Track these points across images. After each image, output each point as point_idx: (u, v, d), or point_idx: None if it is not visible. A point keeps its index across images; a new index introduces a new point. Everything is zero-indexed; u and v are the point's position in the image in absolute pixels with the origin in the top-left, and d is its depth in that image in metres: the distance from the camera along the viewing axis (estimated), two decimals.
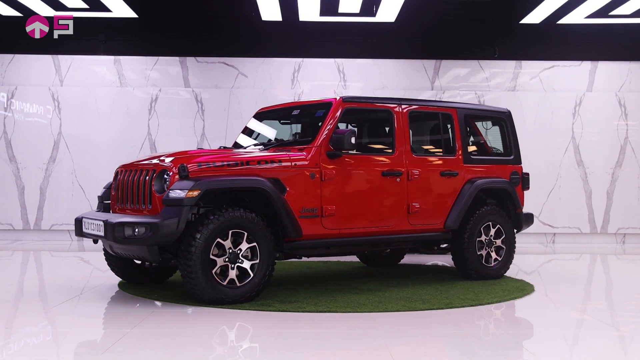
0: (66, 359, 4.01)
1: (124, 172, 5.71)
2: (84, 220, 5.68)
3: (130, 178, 5.55)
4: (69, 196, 10.38)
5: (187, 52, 10.58)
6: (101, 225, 5.26)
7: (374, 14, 9.84)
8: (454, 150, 6.68)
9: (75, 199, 10.31)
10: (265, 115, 6.92)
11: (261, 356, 4.00)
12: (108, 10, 9.87)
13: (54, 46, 10.27)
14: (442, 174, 6.49)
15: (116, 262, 6.14)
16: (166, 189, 5.15)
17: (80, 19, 9.80)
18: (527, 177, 7.23)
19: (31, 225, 10.42)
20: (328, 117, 5.89)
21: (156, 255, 5.19)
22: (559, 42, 10.79)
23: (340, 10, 9.77)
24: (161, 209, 5.12)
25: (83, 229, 5.67)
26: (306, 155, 5.69)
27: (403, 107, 6.38)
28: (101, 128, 10.45)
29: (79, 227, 5.73)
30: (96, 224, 5.38)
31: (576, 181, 10.67)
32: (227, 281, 5.24)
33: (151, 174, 5.32)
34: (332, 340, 4.35)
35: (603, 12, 9.86)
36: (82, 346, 4.23)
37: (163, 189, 5.20)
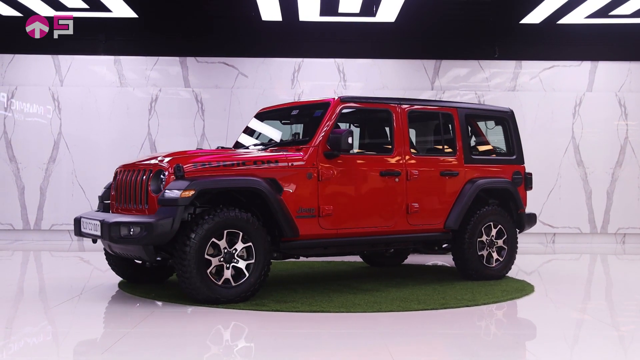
0: (66, 359, 4.01)
1: (123, 172, 5.73)
2: (82, 220, 5.71)
3: (129, 178, 5.57)
4: (69, 196, 10.38)
5: (187, 52, 10.58)
6: (98, 225, 5.29)
7: (374, 14, 9.84)
8: (454, 150, 6.66)
9: (75, 199, 10.31)
10: (266, 115, 6.91)
11: (261, 356, 4.00)
12: (108, 10, 9.87)
13: (54, 46, 10.27)
14: (442, 174, 6.46)
15: (116, 262, 6.16)
16: (162, 189, 5.17)
17: (80, 19, 9.80)
18: (529, 177, 7.16)
19: (31, 225, 10.42)
20: (325, 117, 5.89)
21: (152, 255, 5.20)
22: (559, 42, 10.79)
23: (340, 10, 9.76)
24: (157, 208, 5.14)
25: (81, 228, 5.70)
26: (303, 155, 5.69)
27: (402, 107, 6.36)
28: (101, 128, 10.45)
29: (77, 227, 5.77)
30: (93, 224, 5.41)
31: (576, 181, 10.67)
32: (222, 281, 5.25)
33: (148, 174, 5.34)
34: (329, 340, 4.35)
35: (603, 12, 9.86)
36: (82, 346, 4.23)
37: (159, 189, 5.22)
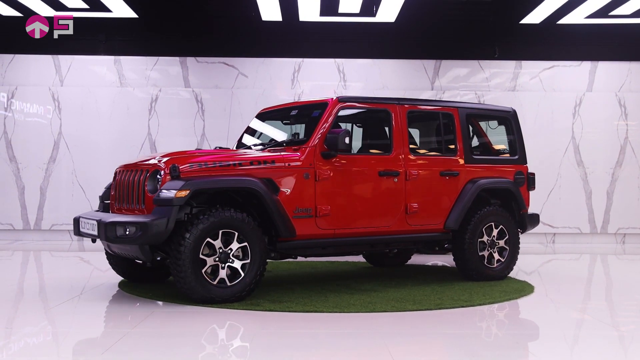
0: (66, 359, 4.01)
1: (122, 172, 5.75)
2: (81, 220, 5.74)
3: (127, 178, 5.59)
4: (69, 196, 10.38)
5: (187, 52, 10.58)
6: (95, 225, 5.32)
7: (374, 14, 9.84)
8: (454, 150, 6.65)
9: (75, 199, 10.31)
10: (267, 115, 6.92)
11: (261, 356, 3.99)
12: (108, 10, 9.87)
13: (54, 46, 10.27)
14: (442, 174, 6.45)
15: (117, 262, 6.18)
16: (158, 189, 5.19)
17: (80, 19, 9.81)
18: (532, 177, 7.11)
19: (31, 225, 10.42)
20: (323, 117, 5.89)
21: (148, 255, 5.22)
22: (559, 42, 10.79)
23: (340, 10, 9.76)
24: (153, 208, 5.16)
25: (80, 228, 5.73)
26: (300, 155, 5.69)
27: (400, 107, 6.35)
28: (101, 128, 10.45)
29: (76, 227, 5.80)
30: (91, 224, 5.44)
31: (576, 181, 10.67)
32: (217, 280, 5.26)
33: (145, 174, 5.36)
34: (329, 340, 4.35)
35: (603, 12, 9.86)
36: (82, 346, 4.23)
37: (156, 189, 5.24)
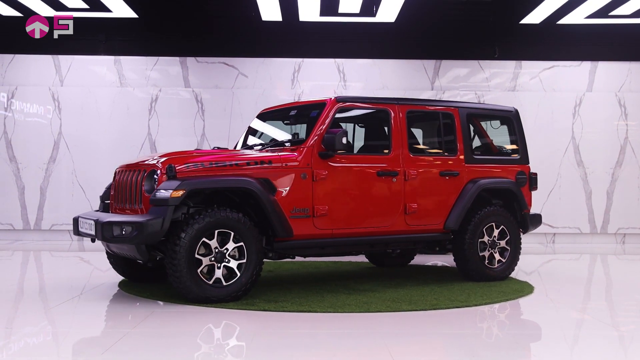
0: (66, 359, 4.01)
1: (121, 172, 5.77)
2: (79, 219, 5.76)
3: (126, 178, 5.60)
4: (69, 196, 10.38)
5: (187, 52, 10.58)
6: (93, 225, 5.34)
7: (374, 14, 9.84)
8: (455, 150, 6.64)
9: (75, 199, 10.31)
10: (267, 115, 6.93)
11: (261, 356, 4.00)
12: (108, 10, 9.87)
13: (54, 46, 10.27)
14: (441, 174, 6.45)
15: (117, 261, 6.19)
16: (155, 189, 5.20)
17: (80, 19, 9.80)
18: (534, 177, 7.07)
19: (31, 225, 10.42)
20: (321, 117, 5.89)
21: (145, 254, 5.23)
22: (559, 42, 10.79)
23: (340, 11, 9.76)
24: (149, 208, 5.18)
25: (79, 228, 5.75)
26: (297, 155, 5.69)
27: (399, 107, 6.34)
28: (101, 128, 10.45)
29: (75, 227, 5.82)
30: (89, 224, 5.46)
31: (576, 181, 10.67)
32: (213, 280, 5.26)
33: (142, 174, 5.37)
34: (328, 340, 4.35)
35: (603, 12, 9.86)
36: (82, 346, 4.23)
37: (153, 189, 5.25)
